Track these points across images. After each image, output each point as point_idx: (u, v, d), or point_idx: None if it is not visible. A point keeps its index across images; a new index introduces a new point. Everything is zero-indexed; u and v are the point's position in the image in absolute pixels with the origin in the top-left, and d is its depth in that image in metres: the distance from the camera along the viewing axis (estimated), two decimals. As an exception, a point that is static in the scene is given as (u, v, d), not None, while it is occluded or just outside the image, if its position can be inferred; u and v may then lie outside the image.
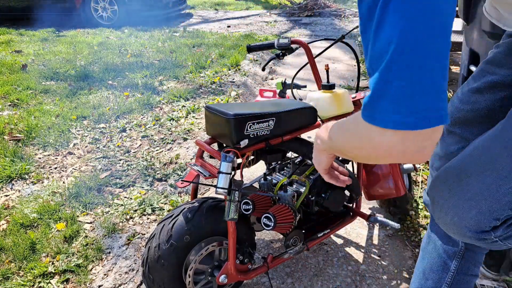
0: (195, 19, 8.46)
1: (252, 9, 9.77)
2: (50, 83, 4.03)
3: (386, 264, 1.68)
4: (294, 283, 1.58)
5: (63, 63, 4.69)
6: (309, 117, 1.36)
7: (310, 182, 1.48)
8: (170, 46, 5.53)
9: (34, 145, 2.76)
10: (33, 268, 1.67)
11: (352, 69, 4.63)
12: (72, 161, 2.59)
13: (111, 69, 4.46)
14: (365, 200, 2.08)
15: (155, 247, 1.23)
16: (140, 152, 2.67)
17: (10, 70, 4.39)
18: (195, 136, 2.89)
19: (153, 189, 2.26)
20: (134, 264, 1.69)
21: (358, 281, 1.59)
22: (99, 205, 2.12)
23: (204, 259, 1.31)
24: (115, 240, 1.85)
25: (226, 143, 1.26)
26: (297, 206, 1.44)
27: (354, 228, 1.91)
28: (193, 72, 4.36)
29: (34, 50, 5.37)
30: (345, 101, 1.51)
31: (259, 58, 5.04)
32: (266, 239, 1.84)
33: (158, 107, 3.46)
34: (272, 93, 1.97)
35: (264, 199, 1.42)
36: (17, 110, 3.35)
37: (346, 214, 1.68)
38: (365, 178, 1.69)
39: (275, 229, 1.32)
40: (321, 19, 7.97)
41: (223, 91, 3.79)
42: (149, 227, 1.95)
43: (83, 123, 3.11)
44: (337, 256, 1.72)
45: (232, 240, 1.23)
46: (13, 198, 2.19)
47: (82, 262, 1.71)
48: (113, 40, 6.02)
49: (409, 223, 1.91)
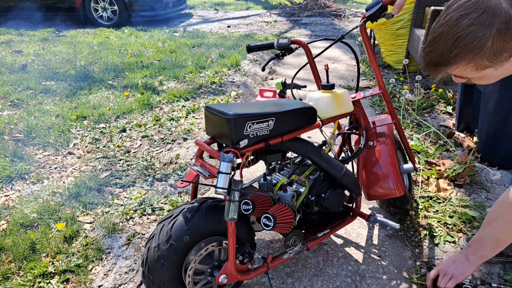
0: (195, 19, 8.46)
1: (252, 9, 9.77)
2: (50, 83, 4.03)
3: (386, 264, 1.68)
4: (294, 283, 1.58)
5: (63, 63, 4.69)
6: (309, 117, 1.36)
7: (310, 182, 1.48)
8: (170, 46, 5.53)
9: (34, 145, 2.76)
10: (33, 268, 1.67)
11: (351, 69, 4.63)
12: (72, 161, 2.59)
13: (111, 69, 4.46)
14: (365, 200, 2.08)
15: (154, 247, 1.23)
16: (140, 152, 2.67)
17: (10, 70, 4.40)
18: (195, 136, 2.89)
19: (153, 189, 2.26)
20: (134, 264, 1.69)
21: (358, 281, 1.59)
22: (99, 205, 2.12)
23: (203, 259, 1.31)
24: (115, 240, 1.85)
25: (225, 143, 1.26)
26: (297, 206, 1.44)
27: (354, 228, 1.91)
28: (193, 72, 4.36)
29: (34, 50, 5.37)
30: (345, 101, 1.51)
31: (259, 58, 5.04)
32: (266, 239, 1.84)
33: (158, 107, 3.46)
34: (272, 93, 1.97)
35: (264, 199, 1.42)
36: (17, 110, 3.35)
37: (346, 214, 1.68)
38: (365, 178, 1.69)
39: (275, 229, 1.32)
40: (321, 19, 7.97)
41: (223, 91, 3.79)
42: (149, 227, 1.95)
43: (83, 123, 3.11)
44: (337, 256, 1.72)
45: (232, 240, 1.23)
46: (13, 198, 2.19)
47: (82, 262, 1.71)
48: (113, 40, 6.02)
49: (409, 223, 1.91)
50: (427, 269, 1.62)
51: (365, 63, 4.75)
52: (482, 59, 0.92)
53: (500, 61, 0.92)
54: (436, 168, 2.31)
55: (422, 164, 2.38)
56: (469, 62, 0.94)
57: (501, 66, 0.95)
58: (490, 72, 0.96)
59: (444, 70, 0.99)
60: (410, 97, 2.71)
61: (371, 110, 3.30)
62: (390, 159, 1.63)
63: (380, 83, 1.62)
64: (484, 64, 0.93)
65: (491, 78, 0.99)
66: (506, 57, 0.92)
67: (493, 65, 0.94)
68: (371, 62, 1.58)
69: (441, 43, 0.94)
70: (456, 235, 1.83)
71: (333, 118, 1.49)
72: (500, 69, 0.95)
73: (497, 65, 0.94)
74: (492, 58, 0.91)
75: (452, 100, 3.31)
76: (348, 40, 6.00)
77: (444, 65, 0.97)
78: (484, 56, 0.91)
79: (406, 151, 1.82)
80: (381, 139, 1.68)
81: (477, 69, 0.95)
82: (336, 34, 6.55)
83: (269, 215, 1.29)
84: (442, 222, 1.91)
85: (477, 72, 0.96)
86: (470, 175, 2.24)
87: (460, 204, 2.02)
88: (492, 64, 0.93)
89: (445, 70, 0.99)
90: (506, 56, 0.92)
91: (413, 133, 2.83)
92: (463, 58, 0.93)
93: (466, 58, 0.93)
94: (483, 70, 0.95)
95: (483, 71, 0.96)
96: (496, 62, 0.93)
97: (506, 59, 0.93)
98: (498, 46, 0.89)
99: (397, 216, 1.94)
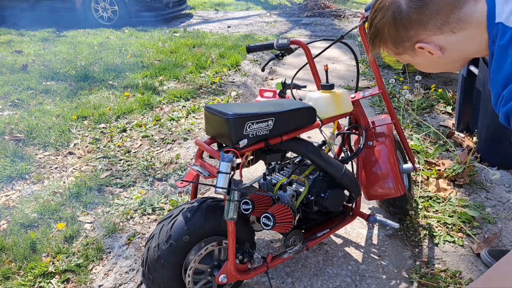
0: (196, 20, 8.47)
1: (252, 10, 9.77)
2: (51, 83, 4.04)
3: (385, 263, 1.68)
4: (294, 282, 1.59)
5: (64, 63, 4.70)
6: (308, 117, 1.37)
7: (310, 182, 1.48)
8: (171, 47, 5.54)
9: (34, 145, 2.77)
10: (33, 268, 1.67)
11: (351, 69, 4.64)
12: (73, 161, 2.60)
13: (112, 69, 4.46)
14: (364, 200, 2.09)
15: (154, 247, 1.24)
16: (141, 152, 2.68)
17: (10, 70, 4.40)
18: (195, 136, 2.89)
19: (153, 189, 2.26)
20: (135, 264, 1.69)
21: (358, 281, 1.59)
22: (100, 205, 2.12)
23: (203, 259, 1.32)
24: (115, 240, 1.86)
25: (225, 143, 1.26)
26: (297, 206, 1.44)
27: (354, 228, 1.91)
28: (193, 72, 4.37)
29: (35, 50, 5.38)
30: (344, 101, 1.51)
31: (259, 59, 5.04)
32: (266, 238, 1.84)
33: (159, 107, 3.47)
34: (272, 93, 1.98)
35: (263, 199, 1.43)
36: (17, 110, 3.36)
37: (345, 214, 1.68)
38: (365, 178, 1.69)
39: (274, 229, 1.33)
40: (321, 20, 7.98)
41: (223, 91, 3.80)
42: (149, 227, 1.95)
43: (84, 123, 3.12)
44: (337, 256, 1.73)
45: (231, 239, 1.23)
46: (14, 198, 2.20)
47: (82, 261, 1.71)
48: (113, 40, 6.03)
49: (409, 223, 1.91)
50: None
51: (364, 63, 4.76)
52: (389, 45, 0.94)
53: (408, 48, 0.93)
54: (435, 168, 2.32)
55: (422, 164, 2.38)
56: (383, 47, 0.96)
57: (416, 55, 0.94)
58: (411, 58, 0.97)
59: (375, 49, 1.00)
60: (409, 97, 2.72)
61: (370, 110, 3.31)
62: (390, 159, 1.63)
63: (380, 83, 1.63)
64: (395, 50, 0.95)
65: (418, 63, 0.98)
66: (410, 46, 0.92)
67: (404, 51, 0.94)
68: (371, 62, 1.59)
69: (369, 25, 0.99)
70: (456, 234, 1.84)
71: (333, 118, 1.49)
72: (419, 58, 0.95)
73: (410, 52, 0.94)
74: (395, 45, 0.93)
75: (451, 100, 3.31)
76: (347, 40, 6.01)
77: (372, 47, 0.99)
78: (388, 41, 0.93)
79: (406, 151, 1.82)
80: (380, 139, 1.68)
81: (395, 53, 0.96)
82: (336, 34, 6.55)
83: (269, 214, 1.29)
84: (442, 222, 1.92)
85: (398, 55, 0.97)
86: (469, 175, 2.24)
87: (459, 204, 2.03)
88: (402, 49, 0.94)
89: (375, 49, 1.00)
90: (410, 45, 0.92)
91: (413, 133, 2.83)
92: (377, 44, 0.96)
93: (379, 44, 0.95)
94: (401, 55, 0.96)
95: (402, 56, 0.97)
96: (404, 49, 0.93)
97: (411, 48, 0.92)
98: (393, 33, 0.91)
99: (397, 216, 1.94)
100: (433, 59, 0.93)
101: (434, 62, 0.95)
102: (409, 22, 0.87)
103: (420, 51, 0.92)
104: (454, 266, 1.66)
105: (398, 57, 0.99)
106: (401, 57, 0.98)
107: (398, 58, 0.99)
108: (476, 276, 1.59)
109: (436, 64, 0.97)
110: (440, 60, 0.93)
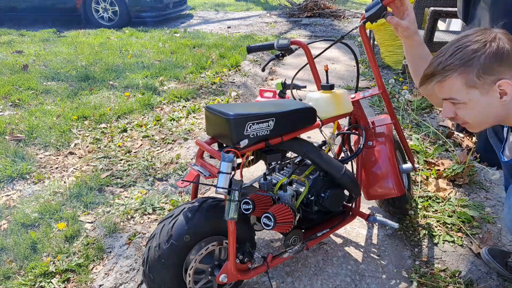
0: (196, 20, 8.47)
1: (252, 10, 9.78)
2: (51, 84, 4.04)
3: (385, 263, 1.69)
4: (294, 282, 1.59)
5: (64, 64, 4.70)
6: (309, 117, 1.37)
7: (310, 182, 1.48)
8: (171, 47, 5.54)
9: (35, 145, 2.77)
10: (34, 267, 1.68)
11: (351, 69, 4.64)
12: (73, 161, 2.60)
13: (112, 70, 4.47)
14: (364, 200, 2.09)
15: (155, 247, 1.24)
16: (141, 152, 2.68)
17: (11, 71, 4.41)
18: (195, 136, 2.90)
19: (154, 188, 2.27)
20: (135, 264, 1.70)
21: (357, 280, 1.60)
22: (100, 205, 2.13)
23: (204, 259, 1.32)
24: (116, 239, 1.86)
25: (226, 143, 1.27)
26: (297, 205, 1.45)
27: (354, 227, 1.91)
28: (194, 72, 4.38)
29: (35, 51, 5.38)
30: (344, 101, 1.52)
31: (259, 59, 5.05)
32: (266, 238, 1.85)
33: (159, 107, 3.47)
34: (272, 94, 1.98)
35: (264, 199, 1.43)
36: (18, 110, 3.36)
37: (345, 213, 1.69)
38: (365, 178, 1.70)
39: (275, 229, 1.33)
40: (321, 20, 7.98)
41: (224, 91, 3.80)
42: (150, 226, 1.96)
43: (84, 123, 3.12)
44: (337, 256, 1.73)
45: (232, 239, 1.24)
46: (14, 198, 2.20)
47: (83, 261, 1.72)
48: (114, 40, 6.03)
49: (408, 223, 1.92)
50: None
51: (364, 64, 4.76)
52: (472, 73, 1.02)
53: (487, 83, 1.02)
54: (435, 168, 2.32)
55: (421, 164, 2.39)
56: (460, 74, 1.03)
57: (486, 93, 1.03)
58: (476, 97, 1.04)
59: (438, 82, 1.08)
60: (409, 97, 2.72)
61: (370, 110, 3.31)
62: (389, 159, 1.64)
63: (380, 84, 1.63)
64: (473, 80, 1.02)
65: (476, 106, 1.06)
66: (493, 80, 1.01)
67: (480, 85, 1.02)
68: (371, 63, 1.59)
69: (441, 55, 1.07)
70: (455, 234, 1.84)
71: (333, 118, 1.50)
72: (485, 97, 1.04)
73: (484, 88, 1.02)
74: (481, 75, 1.01)
75: (451, 101, 3.31)
76: (347, 40, 6.01)
77: (439, 74, 1.06)
78: (474, 69, 1.01)
79: (405, 151, 1.83)
80: (380, 139, 1.69)
81: (466, 85, 1.03)
82: (335, 34, 6.55)
83: (269, 214, 1.30)
84: (441, 222, 1.92)
85: (466, 89, 1.04)
86: (469, 175, 2.25)
87: (459, 203, 2.03)
88: (480, 83, 1.02)
89: (439, 82, 1.08)
90: (493, 80, 1.01)
91: (413, 133, 2.83)
92: (456, 69, 1.03)
93: (458, 70, 1.03)
94: (470, 89, 1.03)
95: (470, 91, 1.04)
96: (483, 82, 1.02)
97: (492, 84, 1.01)
98: (487, 64, 1.00)
99: (397, 215, 1.95)
100: (494, 104, 1.04)
101: (490, 108, 1.05)
102: (507, 58, 1.00)
103: (493, 90, 1.02)
104: (454, 266, 1.67)
105: (461, 91, 1.06)
106: (467, 92, 1.05)
107: (459, 93, 1.06)
108: (476, 276, 1.60)
109: (488, 113, 1.07)
110: (498, 108, 1.04)
